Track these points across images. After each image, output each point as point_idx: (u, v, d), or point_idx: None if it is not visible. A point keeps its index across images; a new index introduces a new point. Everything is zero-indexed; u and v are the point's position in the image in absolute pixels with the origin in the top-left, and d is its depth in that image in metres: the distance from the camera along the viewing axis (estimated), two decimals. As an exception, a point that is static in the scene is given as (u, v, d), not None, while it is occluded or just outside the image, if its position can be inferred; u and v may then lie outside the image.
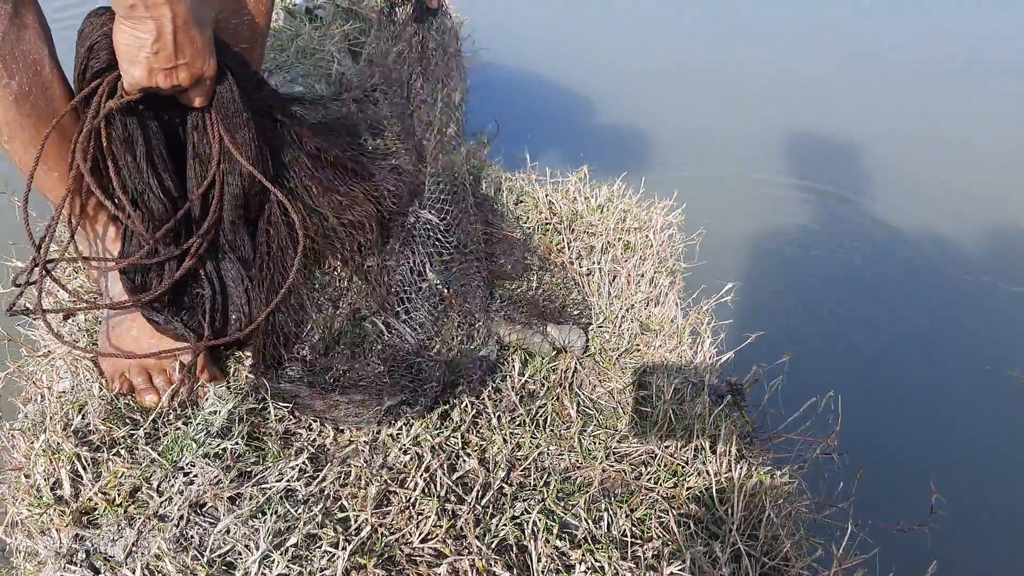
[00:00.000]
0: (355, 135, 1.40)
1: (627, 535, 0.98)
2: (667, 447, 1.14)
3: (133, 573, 0.86)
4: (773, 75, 3.11)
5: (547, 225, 1.62)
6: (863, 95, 3.03)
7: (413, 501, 0.98)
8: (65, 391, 1.10)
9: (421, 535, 0.94)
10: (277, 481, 0.98)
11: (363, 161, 1.30)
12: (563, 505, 1.01)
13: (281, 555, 0.88)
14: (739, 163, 2.49)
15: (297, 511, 0.94)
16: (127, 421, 1.06)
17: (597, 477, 1.07)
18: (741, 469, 1.09)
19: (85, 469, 0.96)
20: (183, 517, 0.92)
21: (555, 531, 0.96)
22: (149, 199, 1.02)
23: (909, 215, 2.30)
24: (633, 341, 1.35)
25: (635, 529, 1.00)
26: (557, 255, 1.53)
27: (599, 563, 0.93)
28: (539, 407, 1.17)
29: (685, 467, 1.11)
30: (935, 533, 1.07)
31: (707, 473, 1.09)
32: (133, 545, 0.90)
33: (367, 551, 0.91)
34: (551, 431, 1.15)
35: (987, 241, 2.23)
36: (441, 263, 1.28)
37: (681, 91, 2.92)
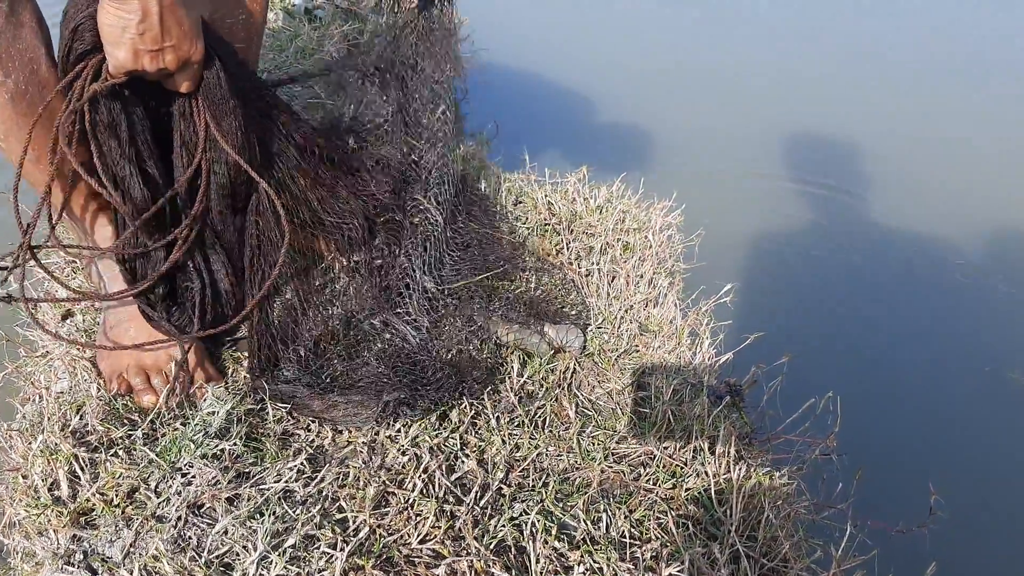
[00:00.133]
0: (348, 131, 1.39)
1: (626, 536, 0.98)
2: (666, 448, 1.14)
3: (131, 574, 0.86)
4: (773, 75, 3.11)
5: (546, 226, 1.61)
6: (863, 95, 3.03)
7: (411, 502, 0.98)
8: (63, 391, 1.10)
9: (419, 536, 0.94)
10: (275, 482, 0.98)
11: (353, 155, 1.29)
12: (562, 506, 1.01)
13: (279, 556, 0.88)
14: (739, 163, 2.48)
15: (295, 512, 0.94)
16: (125, 422, 1.06)
17: (596, 478, 1.07)
18: (740, 470, 1.09)
19: (83, 470, 0.96)
20: (181, 518, 0.92)
21: (554, 532, 0.96)
22: (130, 186, 1.00)
23: (909, 215, 2.30)
24: (632, 342, 1.35)
25: (634, 530, 1.00)
26: (556, 256, 1.53)
27: (597, 564, 0.93)
28: (538, 408, 1.17)
29: (684, 468, 1.11)
30: (934, 534, 1.07)
31: (706, 474, 1.09)
32: (131, 546, 0.89)
33: (365, 552, 0.91)
34: (550, 432, 1.14)
35: (987, 241, 2.23)
36: (439, 261, 1.28)
37: (681, 91, 2.92)
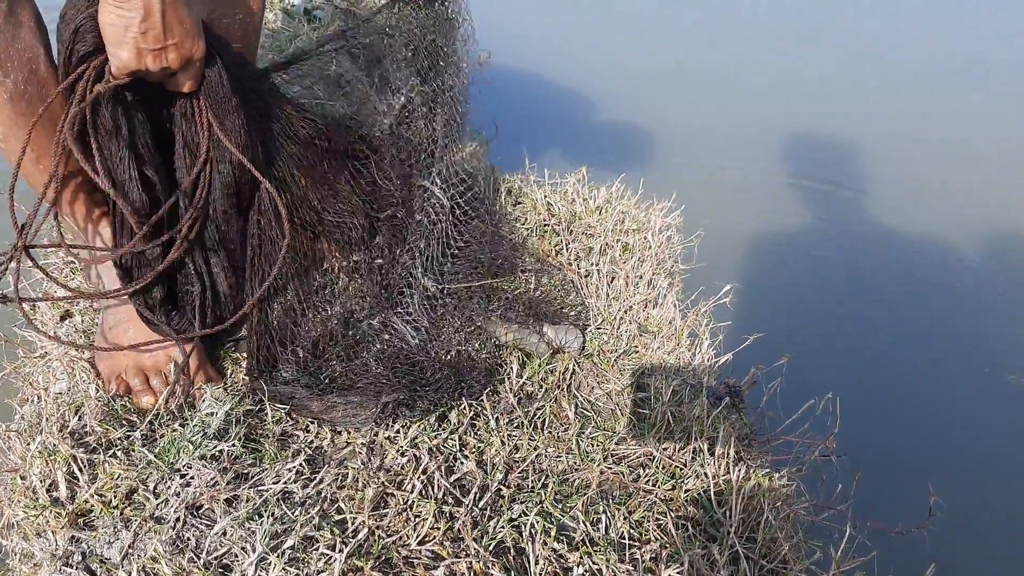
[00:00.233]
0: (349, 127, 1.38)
1: (625, 537, 0.98)
2: (665, 449, 1.13)
3: (129, 575, 0.86)
4: (773, 75, 3.11)
5: (545, 226, 1.61)
6: (863, 95, 3.03)
7: (410, 503, 0.98)
8: (61, 392, 1.10)
9: (418, 537, 0.94)
10: (274, 483, 0.98)
11: (358, 148, 1.28)
12: (561, 507, 1.01)
13: (278, 557, 0.88)
14: (738, 163, 2.48)
15: (294, 513, 0.94)
16: (124, 423, 1.05)
17: (595, 479, 1.07)
18: (739, 471, 1.09)
19: (81, 471, 0.96)
20: (179, 519, 0.92)
21: (553, 533, 0.96)
22: (129, 190, 1.00)
23: (909, 215, 2.30)
24: (631, 343, 1.35)
25: (633, 531, 1.00)
26: (555, 256, 1.52)
27: (597, 565, 0.93)
28: (537, 409, 1.17)
29: (683, 469, 1.11)
30: (933, 535, 1.07)
31: (705, 475, 1.09)
32: (129, 547, 0.89)
33: (364, 553, 0.91)
34: (549, 433, 1.14)
35: (987, 241, 2.23)
36: (439, 260, 1.28)
37: (681, 91, 2.92)
